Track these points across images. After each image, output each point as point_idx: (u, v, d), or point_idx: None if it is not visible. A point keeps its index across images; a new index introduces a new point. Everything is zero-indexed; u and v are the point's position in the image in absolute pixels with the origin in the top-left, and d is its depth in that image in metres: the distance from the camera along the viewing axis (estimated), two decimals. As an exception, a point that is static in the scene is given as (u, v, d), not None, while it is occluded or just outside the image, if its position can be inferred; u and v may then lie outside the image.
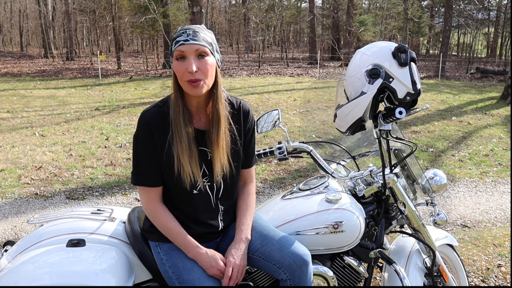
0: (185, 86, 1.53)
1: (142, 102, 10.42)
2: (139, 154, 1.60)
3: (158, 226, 1.62)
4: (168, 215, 1.62)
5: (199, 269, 1.60)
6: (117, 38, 22.76)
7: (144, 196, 1.63)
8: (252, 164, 1.80)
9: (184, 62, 1.50)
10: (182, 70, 1.50)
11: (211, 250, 1.60)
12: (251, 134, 1.76)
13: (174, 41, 1.53)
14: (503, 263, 3.10)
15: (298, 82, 14.96)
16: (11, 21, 39.12)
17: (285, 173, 5.24)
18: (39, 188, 4.68)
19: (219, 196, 1.69)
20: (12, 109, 9.27)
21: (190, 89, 1.52)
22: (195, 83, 1.50)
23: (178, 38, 1.51)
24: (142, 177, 1.60)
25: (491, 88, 13.86)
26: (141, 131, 1.57)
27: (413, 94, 1.71)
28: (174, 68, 1.53)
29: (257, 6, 30.09)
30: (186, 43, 1.49)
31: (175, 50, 1.51)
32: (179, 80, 1.53)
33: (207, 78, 1.53)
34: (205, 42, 1.52)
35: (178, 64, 1.51)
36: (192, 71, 1.48)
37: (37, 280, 1.47)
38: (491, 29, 31.71)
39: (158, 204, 1.63)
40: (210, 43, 1.54)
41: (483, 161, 5.80)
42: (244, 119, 1.72)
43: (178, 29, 1.57)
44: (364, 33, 24.21)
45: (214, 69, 1.56)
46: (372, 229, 1.95)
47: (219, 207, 1.70)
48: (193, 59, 1.49)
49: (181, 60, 1.51)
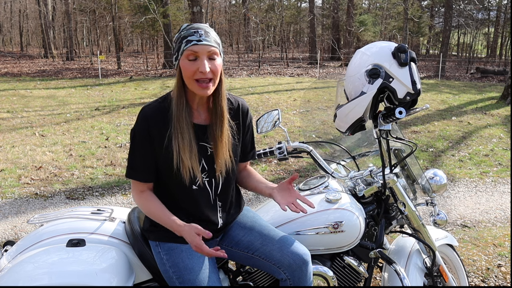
0: (193, 85, 1.54)
1: (142, 102, 10.42)
2: (134, 148, 1.61)
3: (145, 212, 1.63)
4: (154, 200, 1.63)
5: (200, 269, 1.60)
6: (117, 38, 22.76)
7: (132, 187, 1.66)
8: (252, 157, 1.85)
9: (195, 62, 1.51)
10: (193, 69, 1.51)
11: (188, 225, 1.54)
12: (251, 130, 1.79)
13: (185, 39, 1.52)
14: (503, 263, 3.10)
15: (298, 82, 14.95)
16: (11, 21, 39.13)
17: (285, 173, 5.24)
18: (39, 188, 4.68)
19: (218, 192, 1.69)
20: (12, 109, 9.27)
21: (198, 89, 1.53)
22: (205, 84, 1.52)
23: (190, 37, 1.51)
24: (135, 172, 1.62)
25: (491, 88, 13.86)
26: (139, 125, 1.58)
27: (413, 94, 1.71)
28: (183, 67, 1.53)
29: (257, 6, 30.08)
30: (199, 43, 1.50)
31: (186, 49, 1.51)
32: (186, 78, 1.54)
33: (216, 78, 1.55)
34: (216, 43, 1.55)
35: (188, 63, 1.52)
36: (205, 72, 1.50)
37: (37, 280, 1.47)
38: (491, 29, 31.71)
39: (145, 192, 1.64)
40: (218, 43, 1.57)
41: (483, 161, 5.80)
42: (244, 116, 1.74)
43: (185, 26, 1.56)
44: (364, 33, 24.21)
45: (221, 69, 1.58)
46: (372, 229, 1.95)
47: (217, 203, 1.70)
48: (206, 60, 1.51)
49: (192, 59, 1.51)
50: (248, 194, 4.60)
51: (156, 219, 1.61)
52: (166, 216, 1.59)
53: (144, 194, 1.63)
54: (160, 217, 1.60)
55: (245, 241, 1.71)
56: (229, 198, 1.74)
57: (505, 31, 28.36)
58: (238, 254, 1.73)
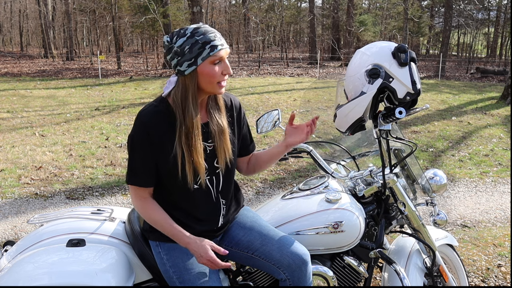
0: (214, 87, 1.56)
1: (142, 102, 10.42)
2: (134, 154, 1.59)
3: (147, 219, 1.62)
4: (156, 208, 1.62)
5: (200, 269, 1.60)
6: (117, 38, 22.76)
7: (133, 193, 1.63)
8: (253, 149, 1.88)
9: (220, 66, 1.54)
10: (218, 73, 1.54)
11: (200, 239, 1.58)
12: (246, 124, 1.82)
13: (208, 45, 1.50)
14: (503, 263, 3.10)
15: (298, 82, 14.96)
16: (11, 21, 39.12)
17: (285, 173, 5.24)
18: (39, 188, 4.68)
19: (220, 189, 1.69)
20: (12, 109, 9.27)
21: (219, 90, 1.57)
22: (224, 83, 1.57)
23: (214, 43, 1.51)
24: (136, 178, 1.60)
25: (491, 88, 13.86)
26: (137, 131, 1.57)
27: (413, 94, 1.71)
28: (208, 72, 1.52)
29: (257, 6, 30.07)
30: (223, 48, 1.53)
31: (213, 55, 1.50)
32: (208, 83, 1.54)
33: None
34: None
35: (213, 67, 1.53)
36: (231, 73, 1.55)
37: (37, 280, 1.47)
38: (491, 29, 31.70)
39: (147, 199, 1.63)
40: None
41: (483, 161, 5.80)
42: (237, 111, 1.76)
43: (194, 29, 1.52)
44: (364, 33, 24.20)
45: None
46: (372, 229, 1.95)
47: (220, 201, 1.70)
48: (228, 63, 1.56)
49: (217, 63, 1.54)
50: (248, 194, 4.61)
51: (158, 227, 1.61)
52: (171, 225, 1.59)
53: (146, 202, 1.62)
54: (164, 226, 1.59)
55: (244, 241, 1.71)
56: (230, 193, 1.75)
57: (505, 31, 28.36)
58: (238, 254, 1.73)
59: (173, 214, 1.63)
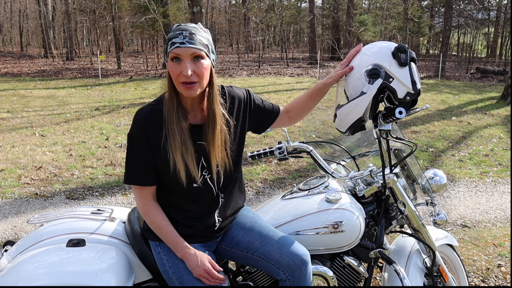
0: (179, 87, 1.53)
1: (142, 102, 10.42)
2: (133, 152, 1.60)
3: (149, 223, 1.63)
4: (160, 213, 1.62)
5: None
6: (117, 38, 22.76)
7: (137, 194, 1.64)
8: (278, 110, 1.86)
9: (179, 65, 1.50)
10: (177, 72, 1.50)
11: (199, 252, 1.61)
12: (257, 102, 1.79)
13: (170, 41, 1.51)
14: (503, 263, 3.10)
15: (298, 82, 14.96)
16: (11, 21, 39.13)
17: (285, 173, 5.24)
18: (39, 188, 4.68)
19: (221, 186, 1.69)
20: (12, 109, 9.27)
21: (184, 91, 1.52)
22: (190, 85, 1.51)
23: (174, 40, 1.50)
24: (135, 176, 1.60)
25: (491, 88, 13.86)
26: (136, 130, 1.58)
27: (413, 94, 1.70)
28: (169, 69, 1.52)
29: (257, 6, 30.08)
30: (182, 46, 1.48)
31: (170, 52, 1.50)
32: (173, 81, 1.53)
33: (202, 81, 1.53)
34: (201, 45, 1.51)
35: (173, 65, 1.51)
36: (187, 75, 1.48)
37: (37, 280, 1.47)
38: (491, 29, 31.71)
39: (151, 202, 1.63)
40: (206, 45, 1.53)
41: (483, 161, 5.80)
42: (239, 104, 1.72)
43: (174, 26, 1.55)
44: (364, 33, 24.20)
45: (209, 70, 1.56)
46: (372, 229, 1.95)
47: (220, 195, 1.70)
48: (189, 63, 1.49)
49: (176, 61, 1.50)
50: (248, 194, 4.61)
51: (159, 233, 1.61)
52: (173, 233, 1.60)
53: (150, 205, 1.62)
54: (165, 233, 1.60)
55: (244, 242, 1.71)
56: (230, 188, 1.74)
57: (505, 31, 28.37)
58: (238, 254, 1.73)
59: (173, 213, 1.64)
